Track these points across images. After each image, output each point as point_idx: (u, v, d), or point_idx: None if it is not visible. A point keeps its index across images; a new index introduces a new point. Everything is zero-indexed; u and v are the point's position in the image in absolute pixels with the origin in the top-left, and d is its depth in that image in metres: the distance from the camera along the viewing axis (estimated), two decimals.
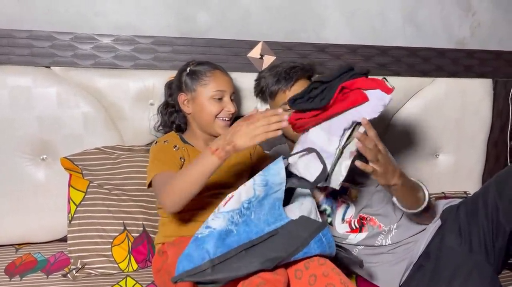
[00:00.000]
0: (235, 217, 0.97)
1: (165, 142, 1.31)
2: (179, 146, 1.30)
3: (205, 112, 1.31)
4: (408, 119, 1.77)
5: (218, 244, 0.95)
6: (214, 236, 0.95)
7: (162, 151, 1.28)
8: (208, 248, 0.95)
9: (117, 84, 1.52)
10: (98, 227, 1.39)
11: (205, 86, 1.31)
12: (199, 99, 1.32)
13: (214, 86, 1.32)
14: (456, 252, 1.18)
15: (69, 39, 1.48)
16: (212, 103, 1.31)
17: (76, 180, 1.45)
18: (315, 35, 1.72)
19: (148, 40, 1.53)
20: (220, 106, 1.32)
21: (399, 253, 1.31)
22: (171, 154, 1.27)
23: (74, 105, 1.49)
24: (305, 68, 1.41)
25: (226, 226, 0.96)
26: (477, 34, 1.85)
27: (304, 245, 0.99)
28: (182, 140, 1.36)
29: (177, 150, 1.29)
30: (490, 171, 1.92)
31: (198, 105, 1.32)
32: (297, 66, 1.39)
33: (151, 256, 1.39)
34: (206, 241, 0.95)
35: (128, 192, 1.44)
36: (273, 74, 1.40)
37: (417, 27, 1.80)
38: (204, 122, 1.33)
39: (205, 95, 1.31)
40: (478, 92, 1.82)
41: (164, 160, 1.24)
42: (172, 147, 1.30)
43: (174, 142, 1.32)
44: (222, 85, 1.33)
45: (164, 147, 1.30)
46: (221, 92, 1.32)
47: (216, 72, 1.34)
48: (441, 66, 1.78)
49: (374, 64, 1.72)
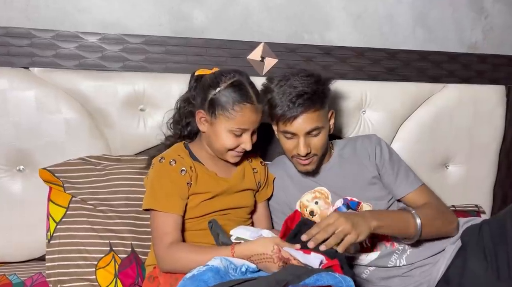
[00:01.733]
0: (230, 270, 0.93)
1: (171, 163, 1.18)
2: (186, 168, 1.18)
3: (219, 142, 1.19)
4: (417, 128, 1.69)
5: (216, 277, 0.89)
6: (212, 270, 0.90)
7: (168, 177, 1.16)
8: (205, 279, 0.89)
9: (104, 87, 1.41)
10: (80, 247, 1.27)
11: (227, 119, 1.16)
12: (216, 127, 1.18)
13: (237, 123, 1.16)
14: (481, 278, 1.08)
15: (50, 37, 1.37)
16: (230, 137, 1.17)
17: (56, 194, 1.34)
18: (319, 37, 1.63)
19: (138, 39, 1.43)
20: (236, 142, 1.19)
21: (416, 277, 1.22)
22: (177, 183, 1.16)
23: (55, 110, 1.38)
24: (314, 97, 1.20)
25: (224, 268, 0.92)
26: (490, 38, 1.78)
27: (314, 271, 0.92)
28: (192, 157, 1.23)
29: (185, 175, 1.17)
30: (501, 183, 1.84)
31: (214, 132, 1.18)
32: (305, 93, 1.19)
33: (140, 280, 1.28)
34: (204, 274, 0.89)
35: (115, 208, 1.33)
36: (280, 94, 1.21)
37: (428, 29, 1.72)
38: (214, 148, 1.21)
39: (224, 127, 1.17)
40: (491, 99, 1.75)
41: (169, 193, 1.14)
42: (179, 171, 1.17)
43: (182, 163, 1.19)
44: (247, 124, 1.17)
45: (170, 171, 1.17)
46: (243, 130, 1.18)
47: (246, 107, 1.15)
48: (452, 71, 1.70)
49: (382, 69, 1.63)
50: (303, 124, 1.20)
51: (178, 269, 1.06)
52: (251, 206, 1.29)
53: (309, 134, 1.21)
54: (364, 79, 1.62)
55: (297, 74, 1.23)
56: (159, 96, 1.43)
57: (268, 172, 1.36)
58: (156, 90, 1.43)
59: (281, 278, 0.87)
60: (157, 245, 1.12)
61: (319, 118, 1.22)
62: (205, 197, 1.19)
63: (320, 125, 1.22)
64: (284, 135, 1.24)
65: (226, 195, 1.22)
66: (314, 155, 1.24)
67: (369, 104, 1.62)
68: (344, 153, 1.35)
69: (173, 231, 1.11)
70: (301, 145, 1.21)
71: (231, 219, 1.22)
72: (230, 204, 1.23)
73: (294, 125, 1.20)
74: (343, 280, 0.93)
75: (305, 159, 1.23)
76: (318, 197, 1.30)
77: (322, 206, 1.29)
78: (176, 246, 1.08)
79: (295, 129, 1.20)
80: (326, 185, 1.31)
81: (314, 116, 1.20)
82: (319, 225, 1.05)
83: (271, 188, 1.36)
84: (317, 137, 1.23)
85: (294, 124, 1.20)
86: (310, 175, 1.33)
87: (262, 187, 1.33)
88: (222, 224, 1.16)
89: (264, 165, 1.36)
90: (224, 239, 1.05)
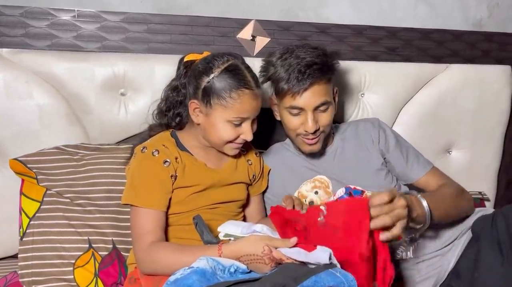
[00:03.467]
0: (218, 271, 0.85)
1: (154, 154, 1.08)
2: (170, 160, 1.08)
3: (216, 134, 1.08)
4: (418, 111, 1.60)
5: (202, 280, 0.81)
6: (197, 272, 0.82)
7: (150, 170, 1.07)
8: (189, 283, 0.81)
9: (80, 70, 1.32)
10: (57, 245, 1.19)
11: (225, 108, 1.05)
12: (213, 117, 1.07)
13: (236, 112, 1.05)
14: (498, 272, 1.00)
15: (18, 15, 1.29)
16: (228, 128, 1.07)
17: (29, 187, 1.25)
18: (314, 14, 1.54)
19: (117, 17, 1.34)
20: (236, 133, 1.08)
21: (423, 270, 1.16)
22: (160, 176, 1.06)
23: (27, 95, 1.29)
24: (324, 68, 1.14)
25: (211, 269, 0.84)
26: (496, 15, 1.70)
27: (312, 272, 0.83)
28: (179, 146, 1.13)
29: (168, 167, 1.07)
30: (506, 169, 1.77)
31: (211, 123, 1.07)
32: (314, 64, 1.12)
33: (122, 279, 1.20)
34: (188, 277, 0.81)
35: (94, 201, 1.24)
36: (285, 67, 1.14)
37: (430, 6, 1.63)
38: (213, 141, 1.11)
39: (222, 117, 1.06)
40: (496, 80, 1.66)
41: (151, 187, 1.05)
42: (162, 162, 1.07)
43: (166, 153, 1.09)
44: (246, 111, 1.07)
45: (152, 162, 1.07)
46: (242, 119, 1.08)
47: (245, 93, 1.05)
48: (456, 50, 1.62)
49: (382, 48, 1.55)
50: (313, 97, 1.13)
51: (159, 271, 0.97)
52: (243, 199, 1.20)
53: (317, 109, 1.15)
54: (363, 60, 1.53)
55: (302, 47, 1.17)
56: (141, 79, 1.34)
57: (264, 164, 1.27)
58: (137, 72, 1.34)
59: (277, 282, 0.78)
60: (137, 245, 1.03)
61: (328, 92, 1.16)
62: (194, 190, 1.10)
63: (329, 99, 1.17)
64: (290, 112, 1.16)
65: (216, 188, 1.13)
66: (321, 132, 1.18)
67: (368, 87, 1.53)
68: (346, 137, 1.29)
69: (154, 229, 1.02)
70: (309, 120, 1.14)
71: (220, 214, 1.13)
72: (220, 198, 1.14)
73: (303, 99, 1.13)
74: (345, 279, 0.84)
75: (312, 137, 1.16)
76: (318, 186, 1.23)
77: (322, 196, 1.21)
78: (156, 246, 0.99)
79: (304, 103, 1.13)
80: (326, 174, 1.23)
81: (323, 89, 1.14)
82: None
83: (266, 181, 1.27)
84: (325, 113, 1.17)
85: (303, 98, 1.13)
86: (313, 158, 1.25)
87: (257, 180, 1.24)
88: (211, 218, 1.07)
89: (260, 157, 1.26)
90: (209, 238, 0.95)
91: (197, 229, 0.97)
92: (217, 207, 1.13)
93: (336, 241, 0.90)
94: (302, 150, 1.23)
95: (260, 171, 1.25)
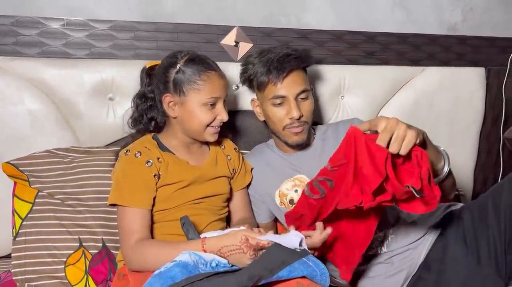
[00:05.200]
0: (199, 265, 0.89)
1: (137, 155, 1.13)
2: (152, 160, 1.13)
3: (195, 121, 1.14)
4: (396, 112, 1.63)
5: (184, 272, 0.85)
6: (179, 265, 0.86)
7: (133, 170, 1.11)
8: (172, 275, 0.85)
9: (70, 76, 1.34)
10: (48, 244, 1.22)
11: (198, 91, 1.12)
12: (189, 105, 1.13)
13: (208, 92, 1.13)
14: (462, 263, 1.06)
15: (9, 24, 1.30)
16: (204, 111, 1.14)
17: (21, 189, 1.28)
18: (295, 20, 1.57)
19: (105, 25, 1.36)
20: (213, 115, 1.15)
21: (396, 263, 1.19)
22: (143, 176, 1.11)
23: (18, 101, 1.32)
24: (300, 57, 1.22)
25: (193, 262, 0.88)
26: (470, 19, 1.74)
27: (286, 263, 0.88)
28: (160, 147, 1.18)
29: (151, 167, 1.12)
30: (482, 166, 1.83)
31: (188, 111, 1.14)
32: (291, 55, 1.20)
33: (112, 276, 1.23)
34: (171, 270, 0.85)
35: (84, 201, 1.27)
36: (264, 62, 1.21)
37: (407, 11, 1.67)
38: (192, 129, 1.16)
39: (197, 101, 1.13)
40: (471, 82, 1.72)
41: (135, 187, 1.10)
42: (145, 163, 1.12)
43: (148, 154, 1.14)
44: (217, 90, 1.15)
45: (135, 164, 1.12)
46: (215, 98, 1.15)
47: (212, 74, 1.14)
48: (432, 54, 1.67)
49: (361, 52, 1.60)
50: (293, 84, 1.20)
51: (146, 267, 1.01)
52: (226, 193, 1.25)
53: (298, 97, 1.21)
54: (343, 63, 1.58)
55: (276, 47, 1.26)
56: (128, 84, 1.36)
57: (244, 160, 1.32)
58: (125, 78, 1.37)
59: (253, 274, 0.83)
60: (124, 243, 1.07)
61: (306, 81, 1.24)
62: (178, 186, 1.15)
63: (308, 87, 1.24)
64: (274, 103, 1.22)
65: (199, 184, 1.18)
66: (305, 122, 1.23)
67: (348, 89, 1.58)
68: (326, 138, 1.33)
69: (140, 228, 1.07)
70: (293, 107, 1.20)
71: (205, 208, 1.18)
72: (204, 193, 1.18)
73: (284, 86, 1.20)
74: (317, 268, 0.90)
75: (298, 125, 1.22)
76: (297, 185, 1.27)
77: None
78: (143, 244, 1.04)
79: (286, 90, 1.20)
80: (306, 173, 1.27)
81: (302, 77, 1.23)
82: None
83: (249, 177, 1.32)
84: (307, 102, 1.24)
85: (284, 85, 1.20)
86: (295, 158, 1.29)
87: (237, 174, 1.29)
88: (196, 213, 1.13)
89: (238, 152, 1.31)
90: (194, 236, 1.00)
91: (183, 229, 1.01)
92: (201, 201, 1.17)
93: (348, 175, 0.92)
94: (289, 144, 1.27)
95: (239, 165, 1.29)
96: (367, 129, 0.93)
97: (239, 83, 1.37)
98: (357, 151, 0.91)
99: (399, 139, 0.88)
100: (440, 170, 1.04)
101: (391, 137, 0.89)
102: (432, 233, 1.18)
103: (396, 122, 0.89)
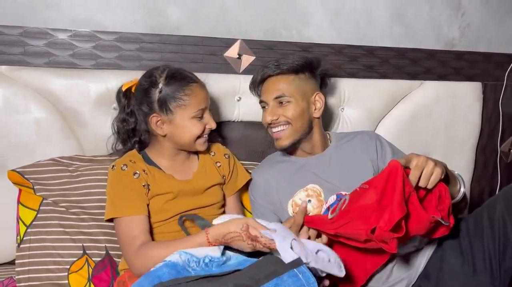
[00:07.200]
0: (191, 263, 0.90)
1: (123, 168, 1.15)
2: (139, 172, 1.16)
3: (187, 134, 1.17)
4: (395, 125, 1.68)
5: (172, 272, 0.87)
6: (168, 265, 0.88)
7: (121, 183, 1.14)
8: (159, 274, 0.87)
9: (76, 86, 1.36)
10: (52, 251, 1.23)
11: (185, 107, 1.15)
12: (178, 121, 1.16)
13: (195, 106, 1.16)
14: (458, 272, 1.10)
15: (18, 34, 1.31)
16: (194, 124, 1.17)
17: (26, 197, 1.29)
18: (297, 34, 1.60)
19: (111, 36, 1.38)
20: (202, 125, 1.19)
21: (395, 273, 1.20)
22: (132, 186, 1.14)
23: (25, 110, 1.33)
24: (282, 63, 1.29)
25: (183, 263, 0.89)
26: (467, 35, 1.78)
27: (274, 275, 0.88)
28: (146, 161, 1.21)
29: (139, 177, 1.15)
30: (478, 178, 1.86)
31: (177, 127, 1.17)
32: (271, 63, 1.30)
33: (114, 284, 1.23)
34: (159, 269, 0.88)
35: (88, 210, 1.29)
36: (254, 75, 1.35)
37: (405, 26, 1.71)
38: (183, 142, 1.19)
39: (186, 117, 1.16)
40: (467, 96, 1.75)
41: (127, 197, 1.12)
42: (132, 174, 1.14)
43: (134, 167, 1.16)
44: (202, 102, 1.18)
45: (122, 176, 1.15)
46: (202, 110, 1.18)
47: (194, 87, 1.17)
48: (429, 68, 1.71)
49: (360, 66, 1.62)
50: (269, 88, 1.29)
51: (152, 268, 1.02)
52: (220, 201, 1.27)
53: (277, 101, 1.27)
54: (343, 77, 1.61)
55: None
56: None
57: (235, 164, 1.34)
58: None
59: (239, 283, 0.84)
60: (127, 250, 1.08)
61: (287, 87, 1.27)
62: (168, 197, 1.17)
63: (287, 94, 1.26)
64: (262, 107, 1.32)
65: (192, 196, 1.20)
66: (284, 123, 1.25)
67: (348, 102, 1.61)
68: (341, 146, 1.34)
69: (140, 233, 1.08)
70: (267, 111, 1.27)
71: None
72: (198, 203, 1.20)
73: (262, 90, 1.31)
74: (306, 282, 0.88)
75: (275, 129, 1.26)
76: (310, 195, 1.26)
77: (314, 204, 1.24)
78: (146, 246, 1.05)
79: (263, 94, 1.30)
80: (317, 182, 1.27)
81: (280, 81, 1.27)
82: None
83: (241, 181, 1.33)
84: (286, 107, 1.26)
85: (262, 89, 1.31)
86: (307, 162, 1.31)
87: (228, 180, 1.31)
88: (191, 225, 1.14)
89: (229, 158, 1.32)
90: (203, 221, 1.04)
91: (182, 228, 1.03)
92: (197, 212, 1.19)
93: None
94: (276, 146, 1.30)
95: (229, 172, 1.30)
96: (404, 165, 1.01)
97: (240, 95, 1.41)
98: (395, 184, 0.98)
99: (427, 176, 1.01)
100: (457, 193, 1.13)
101: (421, 173, 1.00)
102: (431, 245, 1.20)
103: (425, 160, 1.01)
